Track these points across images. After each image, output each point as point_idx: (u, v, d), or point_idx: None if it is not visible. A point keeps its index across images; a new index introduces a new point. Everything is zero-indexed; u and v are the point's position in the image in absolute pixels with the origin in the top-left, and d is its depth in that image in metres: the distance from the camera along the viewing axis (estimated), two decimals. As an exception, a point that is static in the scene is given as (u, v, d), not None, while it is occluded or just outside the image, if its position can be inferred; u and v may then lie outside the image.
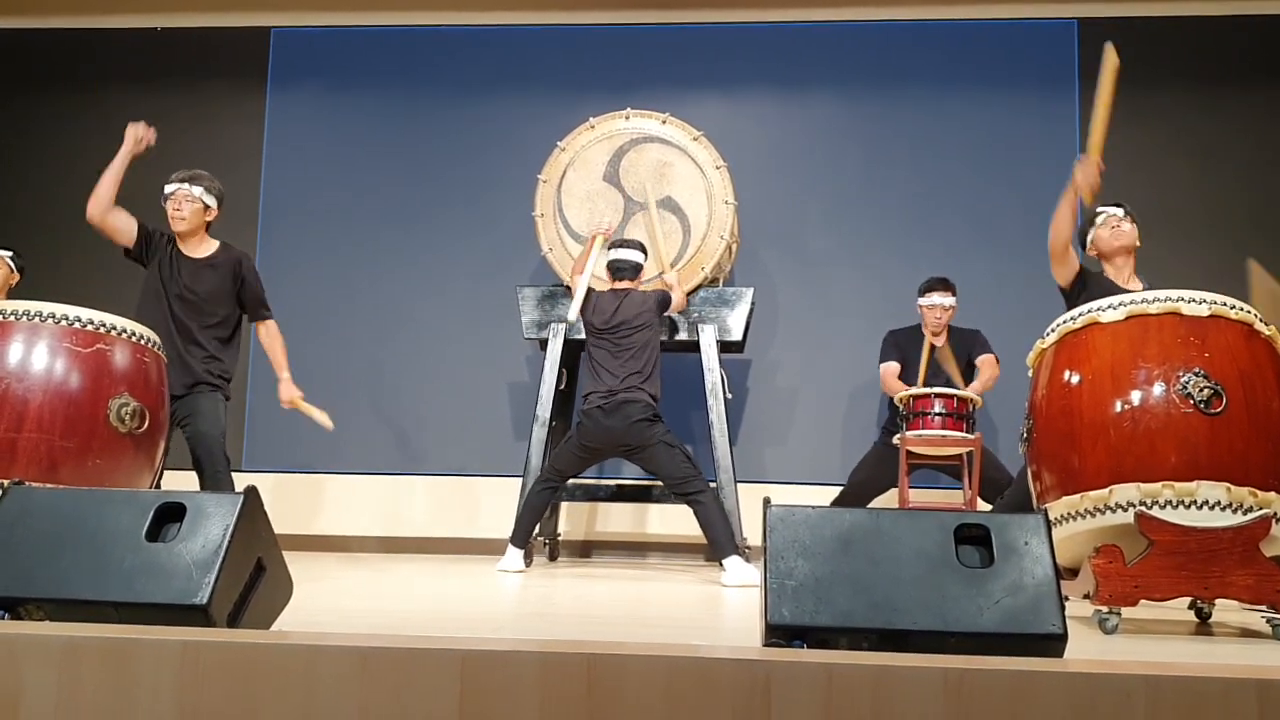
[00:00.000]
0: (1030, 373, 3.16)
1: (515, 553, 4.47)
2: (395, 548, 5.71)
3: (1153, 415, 2.76)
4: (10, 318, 3.07)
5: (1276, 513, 2.72)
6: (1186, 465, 2.71)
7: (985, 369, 4.90)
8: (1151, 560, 2.71)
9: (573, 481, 4.81)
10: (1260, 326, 2.89)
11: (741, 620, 3.13)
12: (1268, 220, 5.64)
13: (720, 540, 4.17)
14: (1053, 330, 3.06)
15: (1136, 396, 2.79)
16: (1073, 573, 3.03)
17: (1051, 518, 2.78)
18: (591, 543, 5.80)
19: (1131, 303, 2.90)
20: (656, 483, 4.72)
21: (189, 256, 3.96)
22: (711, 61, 6.04)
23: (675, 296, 4.76)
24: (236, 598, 1.88)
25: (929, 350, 4.87)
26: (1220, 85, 5.80)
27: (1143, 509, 2.72)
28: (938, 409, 4.49)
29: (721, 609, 3.51)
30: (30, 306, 3.09)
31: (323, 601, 3.22)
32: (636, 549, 5.73)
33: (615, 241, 4.77)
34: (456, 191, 6.07)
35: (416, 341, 5.97)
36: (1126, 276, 3.74)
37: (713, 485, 4.48)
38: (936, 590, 1.76)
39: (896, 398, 4.69)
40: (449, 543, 5.68)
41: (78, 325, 3.10)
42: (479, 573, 4.50)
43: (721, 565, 4.18)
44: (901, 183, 5.88)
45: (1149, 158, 5.62)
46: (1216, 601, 2.97)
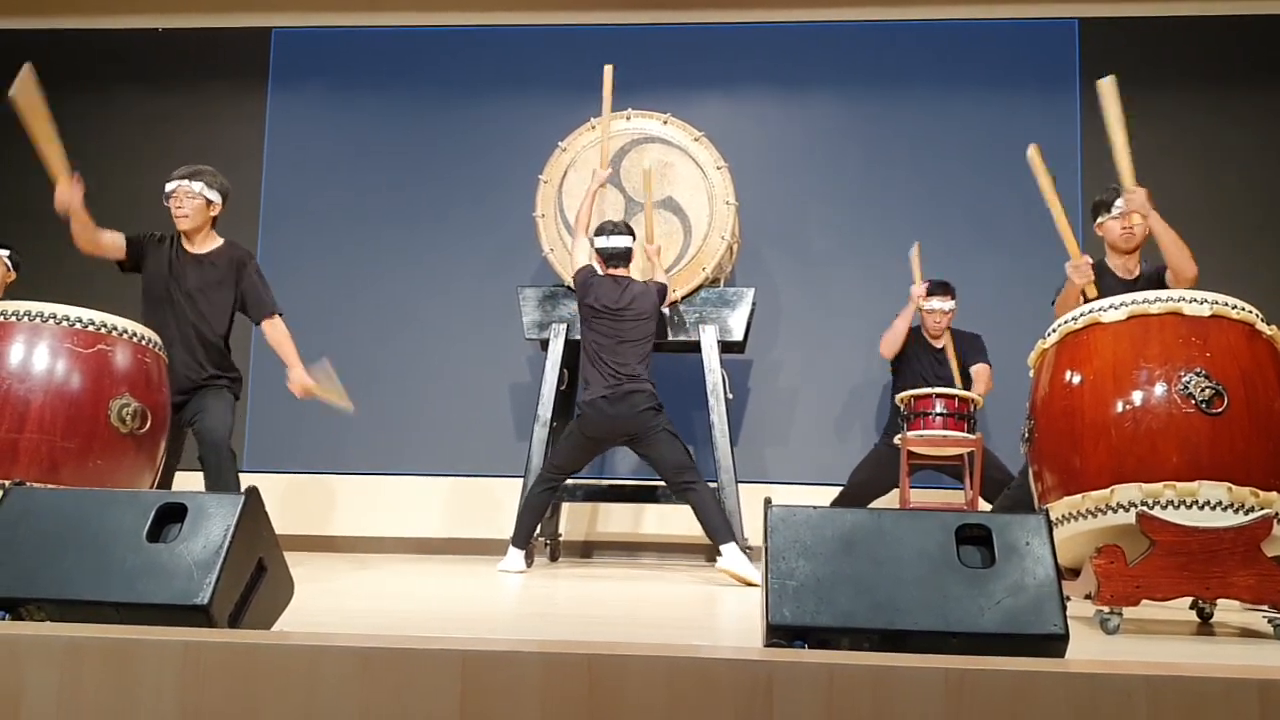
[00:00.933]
0: (1031, 373, 3.16)
1: (516, 553, 4.48)
2: (396, 547, 5.71)
3: (1154, 415, 2.76)
4: (11, 318, 3.07)
5: (1278, 513, 2.72)
6: (1188, 465, 2.71)
7: (979, 381, 4.92)
8: (1153, 560, 2.71)
9: (573, 481, 4.81)
10: (1262, 326, 2.89)
11: (742, 620, 3.13)
12: (1271, 220, 5.64)
13: (718, 527, 4.21)
14: (1054, 330, 3.06)
15: (1138, 396, 2.79)
16: (1074, 573, 3.04)
17: (1053, 518, 2.80)
18: (592, 543, 5.81)
19: (1133, 303, 2.90)
20: (657, 483, 4.72)
21: (192, 253, 3.93)
22: (712, 62, 6.04)
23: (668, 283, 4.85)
24: (238, 598, 1.88)
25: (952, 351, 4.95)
26: (1221, 85, 5.80)
27: (1144, 509, 2.72)
28: (939, 409, 4.50)
29: (722, 609, 3.51)
30: (31, 307, 3.09)
31: (324, 602, 3.22)
32: (637, 549, 5.74)
33: (600, 228, 4.71)
34: (457, 192, 6.07)
35: (417, 342, 5.97)
36: (1131, 267, 3.81)
37: (713, 486, 4.48)
38: (938, 591, 1.76)
39: (897, 398, 4.70)
40: (450, 543, 5.69)
41: (78, 326, 3.10)
42: (480, 573, 4.50)
43: (719, 551, 4.19)
44: (902, 183, 5.88)
45: (1150, 158, 5.55)
46: (1218, 602, 2.97)
